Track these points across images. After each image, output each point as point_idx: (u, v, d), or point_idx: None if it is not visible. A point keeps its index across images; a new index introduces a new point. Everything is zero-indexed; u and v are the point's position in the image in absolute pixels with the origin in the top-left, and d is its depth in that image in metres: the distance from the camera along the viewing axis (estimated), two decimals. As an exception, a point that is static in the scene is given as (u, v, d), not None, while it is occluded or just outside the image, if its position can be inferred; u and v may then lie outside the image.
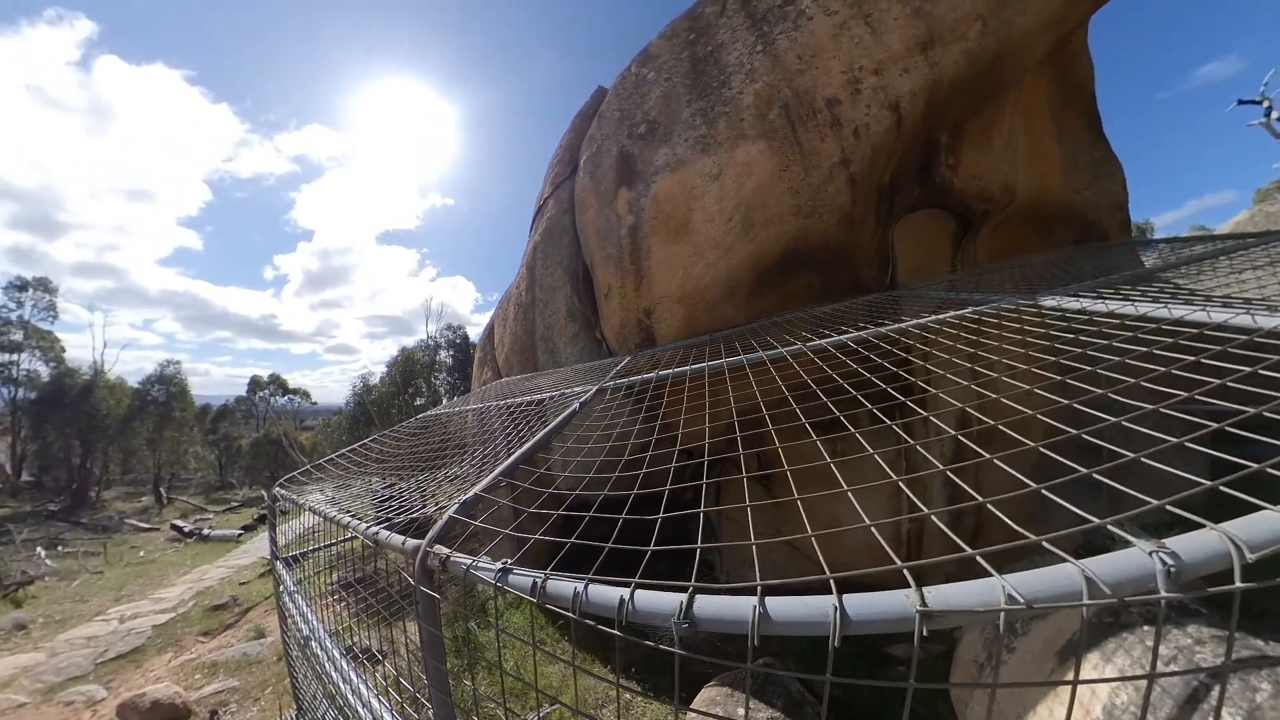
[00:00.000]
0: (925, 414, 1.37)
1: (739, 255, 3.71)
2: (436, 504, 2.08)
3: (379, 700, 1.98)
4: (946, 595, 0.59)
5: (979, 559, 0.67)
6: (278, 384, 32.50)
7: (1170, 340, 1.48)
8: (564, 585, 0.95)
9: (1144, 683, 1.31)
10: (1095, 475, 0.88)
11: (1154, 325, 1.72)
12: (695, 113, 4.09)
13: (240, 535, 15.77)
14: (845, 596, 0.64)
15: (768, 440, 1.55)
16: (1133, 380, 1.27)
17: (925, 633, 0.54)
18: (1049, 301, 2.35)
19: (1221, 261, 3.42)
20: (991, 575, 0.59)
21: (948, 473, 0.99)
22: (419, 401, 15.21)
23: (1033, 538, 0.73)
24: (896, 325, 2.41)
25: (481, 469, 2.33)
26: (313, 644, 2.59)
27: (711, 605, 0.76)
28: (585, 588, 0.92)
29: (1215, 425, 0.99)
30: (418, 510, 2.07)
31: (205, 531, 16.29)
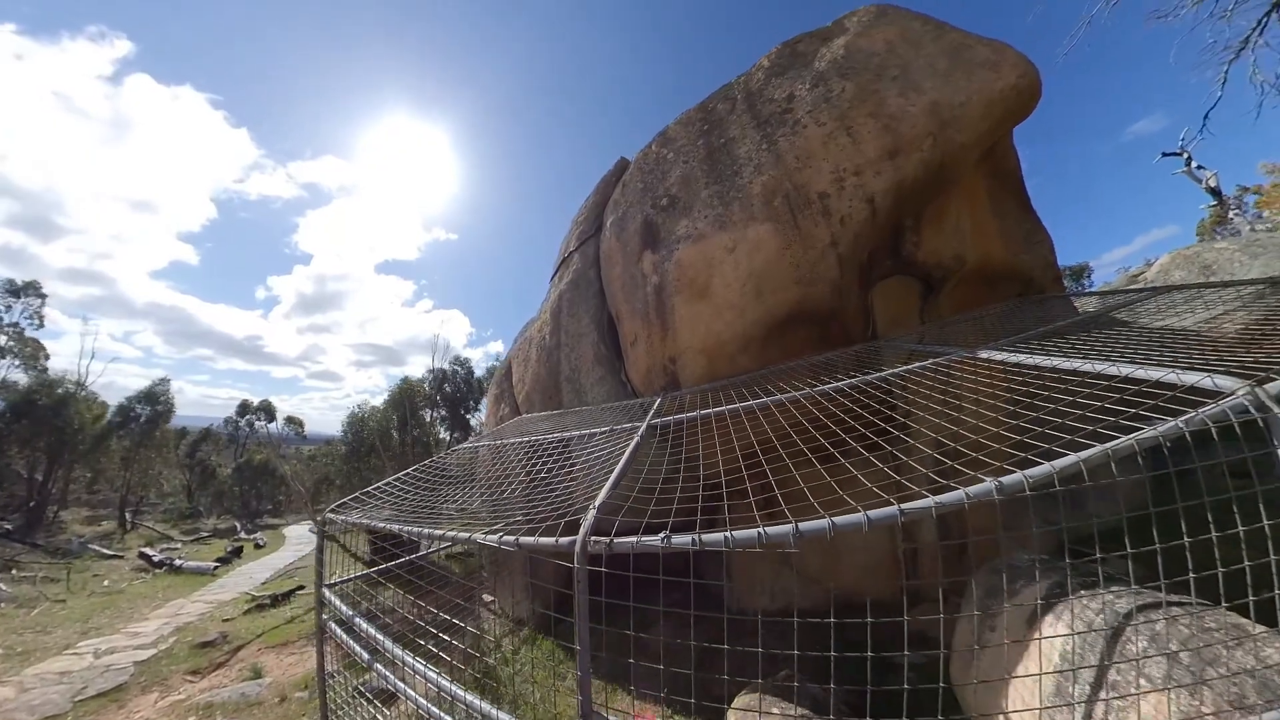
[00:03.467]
0: (908, 454, 2.18)
1: (753, 316, 4.59)
2: (547, 517, 2.69)
3: (474, 697, 2.18)
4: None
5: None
6: (266, 411, 31.51)
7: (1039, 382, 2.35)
8: (715, 535, 1.69)
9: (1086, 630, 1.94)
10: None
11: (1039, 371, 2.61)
12: (712, 194, 5.01)
13: (216, 568, 15.12)
14: (831, 516, 1.45)
15: (778, 471, 2.24)
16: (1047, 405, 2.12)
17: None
18: (983, 354, 3.25)
19: (1113, 315, 4.48)
20: (890, 504, 1.39)
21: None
22: (415, 433, 15.40)
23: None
24: (878, 374, 3.27)
25: (591, 485, 2.98)
26: (378, 666, 2.88)
27: (771, 530, 1.58)
28: (732, 533, 1.68)
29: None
30: (553, 519, 2.65)
31: (177, 562, 15.48)
